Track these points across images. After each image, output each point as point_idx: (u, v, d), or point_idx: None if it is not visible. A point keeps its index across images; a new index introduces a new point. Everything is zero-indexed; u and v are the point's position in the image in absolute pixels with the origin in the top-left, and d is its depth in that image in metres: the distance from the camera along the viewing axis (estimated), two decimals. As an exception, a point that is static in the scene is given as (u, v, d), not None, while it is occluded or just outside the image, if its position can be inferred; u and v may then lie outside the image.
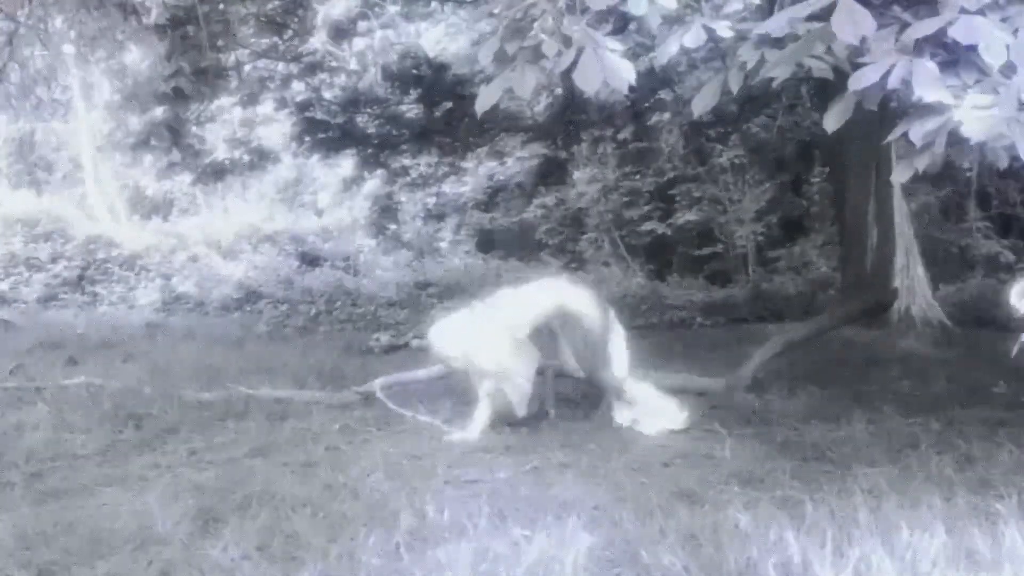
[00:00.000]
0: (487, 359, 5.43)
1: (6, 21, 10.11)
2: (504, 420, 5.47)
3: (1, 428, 5.40)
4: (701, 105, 3.51)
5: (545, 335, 5.61)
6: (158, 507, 3.71)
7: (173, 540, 3.41)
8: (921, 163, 2.89)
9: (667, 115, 14.08)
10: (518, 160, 17.73)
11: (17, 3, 9.00)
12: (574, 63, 3.15)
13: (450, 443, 5.13)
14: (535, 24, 3.30)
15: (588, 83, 3.15)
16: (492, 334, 5.44)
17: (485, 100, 3.43)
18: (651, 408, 5.45)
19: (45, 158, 21.10)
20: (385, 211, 19.04)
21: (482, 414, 5.37)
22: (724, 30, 3.23)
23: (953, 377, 6.46)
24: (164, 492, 4.04)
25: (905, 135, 2.85)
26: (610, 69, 3.12)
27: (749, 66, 3.18)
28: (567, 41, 3.18)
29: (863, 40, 2.81)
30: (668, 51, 3.28)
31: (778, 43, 3.09)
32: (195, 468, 4.62)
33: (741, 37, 3.23)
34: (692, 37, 3.19)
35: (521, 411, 5.48)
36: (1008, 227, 13.76)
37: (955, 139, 2.67)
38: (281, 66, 13.27)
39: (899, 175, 3.06)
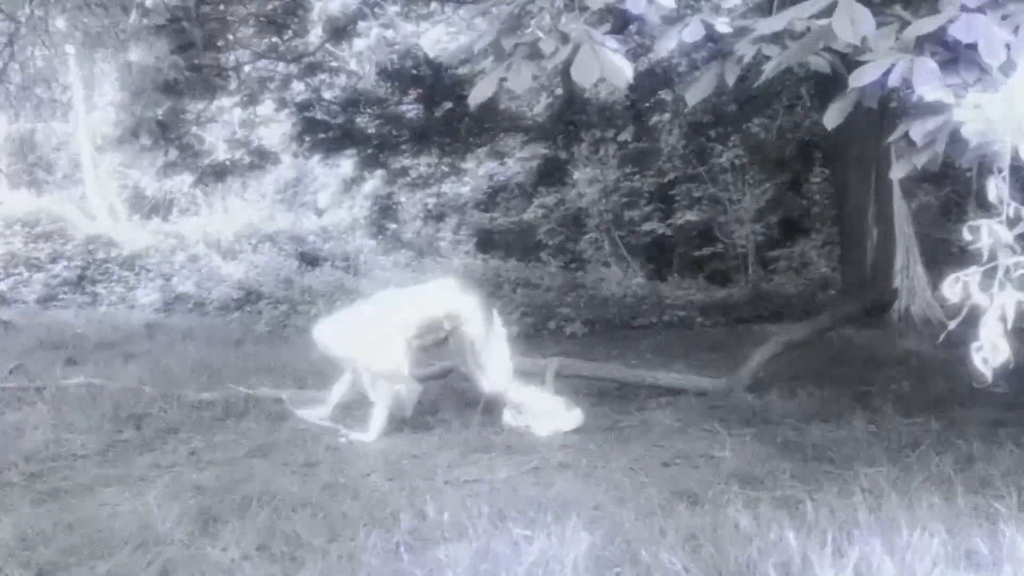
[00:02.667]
0: (381, 360, 5.40)
1: (6, 21, 10.10)
2: (393, 421, 5.47)
3: (1, 428, 5.40)
4: (695, 95, 3.49)
5: (434, 336, 5.58)
6: (158, 507, 3.71)
7: (173, 540, 3.42)
8: (920, 160, 2.88)
9: (667, 115, 14.04)
10: (518, 160, 17.70)
11: (18, 1, 8.99)
12: (571, 59, 3.13)
13: (347, 443, 5.13)
14: (532, 21, 3.28)
15: (585, 77, 3.12)
16: (384, 335, 5.41)
17: (480, 93, 3.39)
18: (540, 411, 5.47)
19: (45, 158, 21.11)
20: (385, 211, 19.02)
21: (380, 415, 5.36)
22: (722, 26, 3.22)
23: (953, 377, 6.45)
24: (164, 492, 4.05)
25: (906, 134, 2.85)
26: (608, 65, 3.09)
27: (746, 59, 3.17)
28: (564, 39, 3.16)
29: (864, 38, 2.80)
30: (666, 45, 3.26)
31: (776, 38, 3.07)
32: (195, 468, 4.62)
33: (739, 33, 3.22)
34: (691, 32, 3.17)
35: (407, 412, 5.48)
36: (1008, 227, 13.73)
37: (956, 138, 2.66)
38: (281, 66, 13.23)
39: (897, 171, 3.05)
